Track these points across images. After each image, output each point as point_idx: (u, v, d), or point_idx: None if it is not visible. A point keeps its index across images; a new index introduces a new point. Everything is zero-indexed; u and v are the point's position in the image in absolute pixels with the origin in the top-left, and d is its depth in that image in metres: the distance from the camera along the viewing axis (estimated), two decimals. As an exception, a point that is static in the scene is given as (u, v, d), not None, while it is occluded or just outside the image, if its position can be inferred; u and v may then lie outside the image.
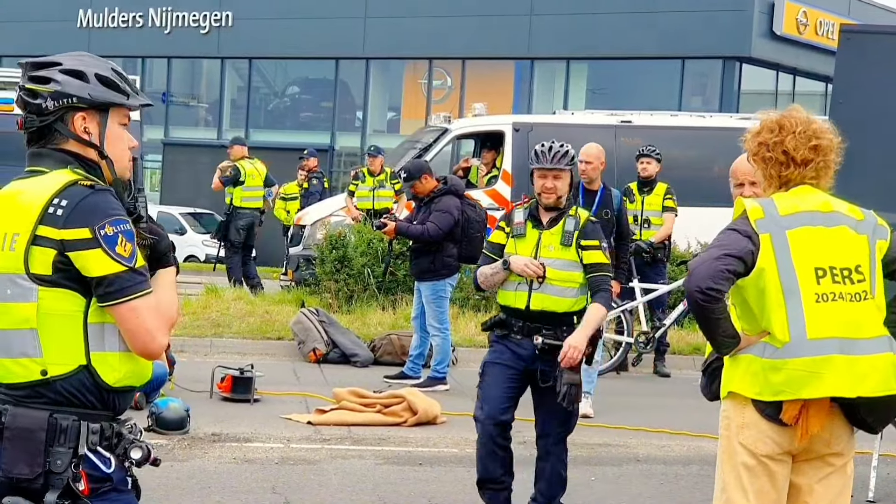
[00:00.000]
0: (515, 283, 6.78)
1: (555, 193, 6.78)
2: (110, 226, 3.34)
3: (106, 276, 3.33)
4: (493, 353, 6.87)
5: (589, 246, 6.76)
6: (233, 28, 33.29)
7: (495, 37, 29.80)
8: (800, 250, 4.34)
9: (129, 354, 3.44)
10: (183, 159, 33.59)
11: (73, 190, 3.37)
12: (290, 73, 35.16)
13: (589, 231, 6.81)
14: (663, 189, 13.18)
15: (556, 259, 6.75)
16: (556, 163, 6.76)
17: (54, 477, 3.34)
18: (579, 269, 6.75)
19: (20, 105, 3.50)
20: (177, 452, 8.48)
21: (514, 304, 6.80)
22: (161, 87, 34.79)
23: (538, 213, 6.88)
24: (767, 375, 4.32)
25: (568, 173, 6.81)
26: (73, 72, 3.48)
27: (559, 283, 6.73)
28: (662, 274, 13.26)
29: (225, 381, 10.47)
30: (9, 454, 3.36)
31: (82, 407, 3.40)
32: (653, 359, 13.25)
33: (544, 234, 6.80)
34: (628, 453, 9.33)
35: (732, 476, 4.47)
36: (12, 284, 3.38)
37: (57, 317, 3.37)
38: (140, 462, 3.49)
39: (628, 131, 17.46)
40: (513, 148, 17.70)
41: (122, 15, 34.57)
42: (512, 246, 6.85)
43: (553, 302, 6.74)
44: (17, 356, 3.40)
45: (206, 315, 14.02)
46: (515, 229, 6.88)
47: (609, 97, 28.47)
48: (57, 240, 3.33)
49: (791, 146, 4.45)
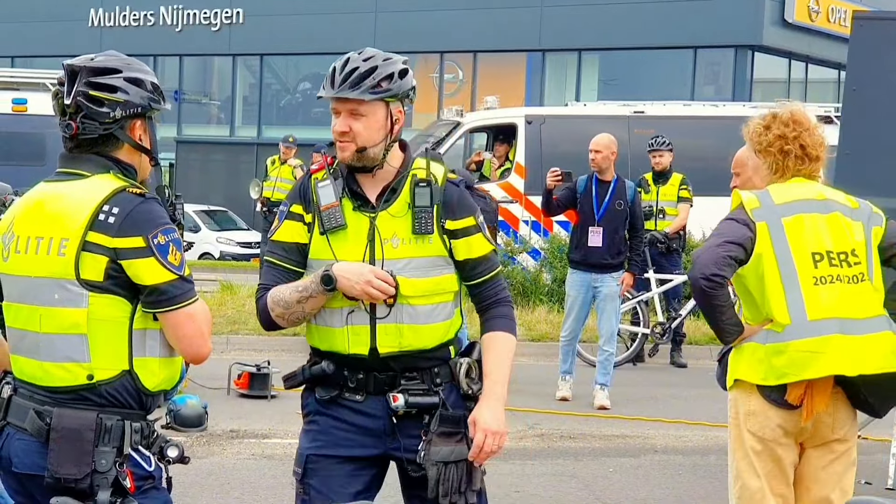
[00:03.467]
0: (344, 312, 3.90)
1: (352, 142, 3.90)
2: (162, 235, 3.39)
3: (158, 284, 3.38)
4: (316, 436, 4.01)
5: (461, 229, 3.97)
6: (244, 25, 33.32)
7: (506, 29, 29.77)
8: (796, 236, 4.49)
9: (167, 360, 3.51)
10: (196, 157, 33.66)
11: (124, 197, 3.40)
12: (302, 68, 35.18)
13: (455, 201, 3.98)
14: (678, 179, 13.17)
15: (409, 259, 3.91)
16: (350, 88, 3.87)
17: (99, 476, 3.38)
18: (450, 269, 3.97)
19: (72, 109, 3.47)
20: (195, 449, 8.49)
21: (345, 348, 3.91)
22: (173, 85, 34.84)
23: (355, 183, 3.97)
24: (771, 359, 4.45)
25: (378, 106, 3.91)
26: (134, 80, 3.51)
27: (422, 300, 3.91)
28: (678, 264, 13.24)
29: (242, 378, 10.50)
30: (56, 455, 3.39)
31: (124, 408, 3.45)
32: (669, 349, 13.24)
33: (380, 216, 3.93)
34: (646, 444, 9.32)
35: (744, 463, 4.59)
36: (61, 289, 3.40)
37: (105, 322, 3.41)
38: (177, 460, 3.56)
39: (641, 122, 17.42)
40: (525, 141, 17.68)
41: (133, 13, 34.64)
42: (323, 246, 3.93)
43: (416, 335, 3.92)
44: (62, 360, 3.42)
45: (222, 312, 14.04)
46: (327, 217, 3.92)
47: (621, 88, 28.42)
48: (110, 248, 3.37)
49: (808, 142, 4.62)
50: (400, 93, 3.94)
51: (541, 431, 9.28)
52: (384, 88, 3.89)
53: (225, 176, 33.08)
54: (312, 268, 3.93)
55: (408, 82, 3.98)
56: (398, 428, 3.95)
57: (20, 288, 3.49)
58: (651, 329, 12.68)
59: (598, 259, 10.39)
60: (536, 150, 17.32)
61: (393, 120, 3.95)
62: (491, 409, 3.90)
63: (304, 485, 4.01)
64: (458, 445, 3.91)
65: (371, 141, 3.89)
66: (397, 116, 3.97)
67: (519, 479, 7.92)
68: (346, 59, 3.93)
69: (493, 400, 3.92)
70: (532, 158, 17.18)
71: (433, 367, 3.97)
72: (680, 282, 12.98)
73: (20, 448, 3.48)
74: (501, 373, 3.96)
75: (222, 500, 7.41)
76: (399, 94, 3.94)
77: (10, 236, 3.52)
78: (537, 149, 17.34)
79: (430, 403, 3.94)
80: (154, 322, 3.45)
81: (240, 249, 27.09)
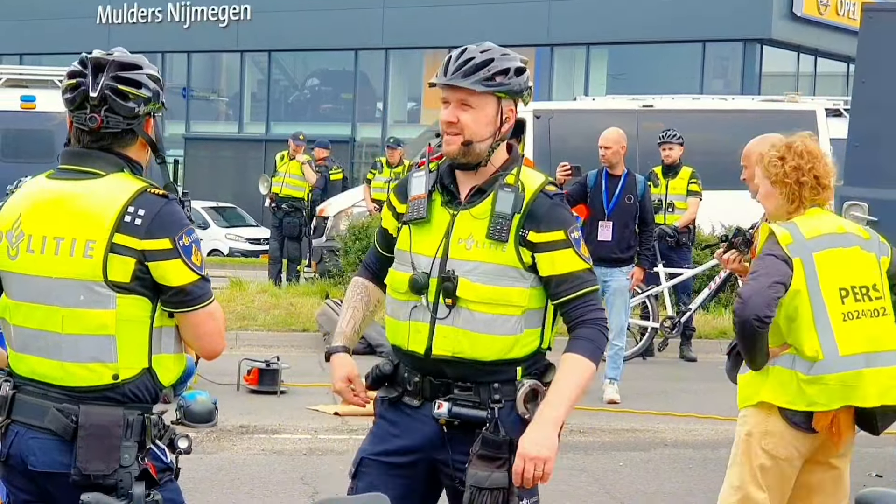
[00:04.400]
0: (409, 306, 3.85)
1: (460, 134, 3.77)
2: (186, 236, 3.42)
3: (184, 286, 3.41)
4: (373, 439, 3.99)
5: (546, 242, 3.74)
6: (252, 21, 33.33)
7: (514, 24, 29.73)
8: (825, 272, 4.68)
9: (179, 356, 3.55)
10: (204, 154, 33.70)
11: (148, 199, 3.41)
12: (310, 65, 35.19)
13: (544, 213, 3.77)
14: (688, 173, 13.15)
15: (478, 263, 3.76)
16: (462, 77, 3.76)
17: (123, 471, 3.40)
18: (524, 283, 3.76)
19: (95, 101, 3.44)
20: (205, 445, 8.50)
21: (406, 343, 3.86)
22: (181, 82, 34.87)
23: (451, 178, 3.88)
24: (802, 388, 4.65)
25: (489, 100, 3.78)
26: (154, 77, 3.52)
27: (482, 307, 3.74)
28: (687, 258, 13.22)
29: (251, 374, 10.50)
30: (84, 451, 3.39)
31: (144, 403, 3.48)
32: (679, 343, 13.21)
33: (461, 215, 3.81)
34: (656, 438, 9.31)
35: (749, 475, 4.78)
36: (87, 291, 3.39)
37: (130, 322, 3.42)
38: (187, 451, 3.59)
39: (650, 116, 17.37)
40: (534, 135, 17.66)
41: (141, 10, 34.68)
42: (405, 236, 3.91)
43: (471, 343, 3.75)
44: (87, 361, 3.43)
45: (231, 308, 14.04)
46: (411, 208, 3.89)
47: (630, 82, 28.41)
48: (139, 250, 3.38)
49: (821, 172, 4.77)
50: (513, 90, 3.79)
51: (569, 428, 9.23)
52: (497, 82, 3.75)
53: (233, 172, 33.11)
54: (396, 257, 3.92)
55: (523, 81, 3.82)
56: (449, 440, 3.79)
57: (36, 288, 3.46)
58: (661, 323, 12.64)
59: (607, 253, 10.36)
60: (545, 145, 17.27)
61: (503, 118, 3.79)
62: (536, 432, 3.63)
63: (353, 485, 3.97)
64: (496, 472, 3.69)
65: (479, 135, 3.75)
66: (508, 115, 3.80)
67: (529, 473, 7.92)
68: (462, 49, 3.82)
69: (542, 423, 3.64)
70: (541, 153, 17.12)
71: (492, 383, 3.76)
72: (689, 276, 12.97)
73: (36, 446, 3.46)
74: (559, 395, 3.67)
75: (232, 495, 7.42)
76: (512, 92, 3.79)
77: (18, 234, 3.48)
78: (546, 143, 17.30)
79: (475, 418, 3.74)
80: (169, 319, 3.47)
81: (248, 246, 27.12)
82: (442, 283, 3.76)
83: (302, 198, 18.05)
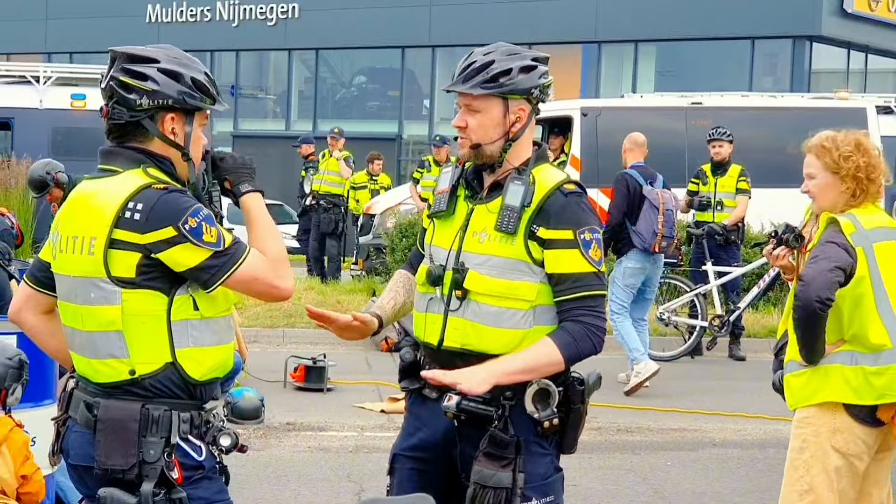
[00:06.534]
0: (426, 298, 3.91)
1: (468, 138, 3.83)
2: (192, 218, 3.38)
3: (200, 264, 3.37)
4: (402, 434, 4.05)
5: (554, 240, 3.72)
6: (300, 19, 33.44)
7: (562, 21, 29.66)
8: (885, 262, 4.72)
9: (213, 349, 3.50)
10: (252, 151, 33.57)
11: (148, 193, 3.39)
12: (357, 62, 35.26)
13: (556, 210, 3.75)
14: (737, 171, 13.05)
15: (489, 256, 3.77)
16: (462, 82, 3.84)
17: (148, 467, 3.38)
18: (534, 278, 3.74)
19: (106, 94, 3.50)
20: (252, 442, 8.53)
21: (422, 334, 3.92)
22: (230, 80, 35.04)
23: (476, 173, 3.93)
24: (870, 380, 4.68)
25: (493, 102, 3.80)
26: (170, 72, 3.49)
27: (489, 299, 3.75)
28: (736, 257, 13.13)
29: (298, 371, 10.53)
30: (103, 446, 3.40)
31: (172, 398, 3.45)
32: (728, 342, 13.13)
33: (477, 209, 3.85)
34: (704, 438, 9.25)
35: (823, 478, 4.77)
36: (95, 288, 3.41)
37: (141, 317, 3.41)
38: (229, 449, 3.53)
39: (699, 113, 17.27)
40: (581, 133, 17.58)
41: (190, 9, 34.88)
42: (430, 229, 4.00)
43: (479, 335, 3.77)
44: (105, 357, 3.44)
45: (279, 306, 14.07)
46: (436, 202, 3.97)
47: (678, 79, 28.25)
48: (141, 244, 3.36)
49: (880, 171, 4.86)
50: (519, 89, 3.77)
51: (598, 425, 9.23)
52: (499, 83, 3.75)
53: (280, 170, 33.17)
54: (424, 251, 3.99)
55: (530, 79, 3.78)
56: (460, 433, 3.78)
57: (65, 287, 3.53)
58: (709, 322, 12.57)
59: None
60: (592, 143, 17.20)
61: (513, 117, 3.79)
62: (472, 367, 3.67)
63: (390, 482, 4.00)
64: (500, 471, 3.68)
65: (486, 138, 3.78)
66: (518, 114, 3.79)
67: (576, 472, 7.88)
68: (469, 54, 3.85)
69: (484, 363, 3.68)
70: (588, 151, 17.08)
71: None
72: (738, 274, 12.88)
73: (75, 440, 3.53)
74: (512, 358, 3.67)
75: (279, 491, 7.43)
76: (518, 91, 3.77)
77: (56, 236, 3.56)
78: (593, 141, 17.23)
79: (483, 413, 3.69)
80: (195, 312, 3.44)
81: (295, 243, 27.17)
82: (454, 275, 3.79)
83: (340, 194, 18.02)
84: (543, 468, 3.79)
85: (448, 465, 3.88)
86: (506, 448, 3.70)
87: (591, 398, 3.87)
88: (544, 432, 3.75)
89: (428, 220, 4.01)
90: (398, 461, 3.98)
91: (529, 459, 3.73)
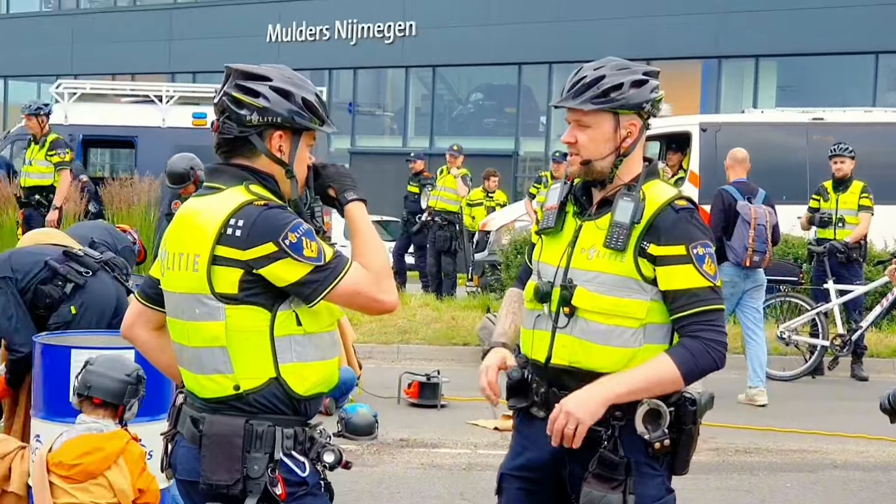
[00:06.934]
0: (534, 315, 3.88)
1: (578, 154, 3.81)
2: (292, 233, 3.38)
3: (301, 279, 3.37)
4: (510, 453, 4.02)
5: (666, 256, 3.66)
6: (417, 37, 33.65)
7: (681, 36, 29.42)
8: None
9: (317, 364, 3.49)
10: (369, 168, 34.05)
11: (249, 210, 3.41)
12: (474, 79, 35.35)
13: (667, 226, 3.68)
14: (859, 187, 12.79)
15: (598, 272, 3.72)
16: (573, 97, 3.81)
17: (252, 482, 3.39)
18: (644, 295, 3.68)
19: (218, 109, 3.54)
20: (366, 458, 8.55)
21: (530, 351, 3.89)
22: (347, 98, 35.38)
23: (585, 189, 3.90)
24: None
25: (603, 118, 3.76)
26: (281, 90, 3.51)
27: (598, 317, 3.70)
28: (858, 275, 12.85)
29: (412, 387, 10.54)
30: (208, 461, 3.42)
31: (276, 414, 3.45)
32: (849, 362, 12.86)
33: (586, 225, 3.80)
34: (824, 459, 9.05)
35: None
36: (200, 304, 3.44)
37: (244, 333, 3.42)
38: (333, 465, 3.52)
39: (820, 129, 16.97)
40: (700, 149, 17.38)
41: (309, 28, 35.31)
42: (539, 245, 3.96)
43: (587, 353, 3.71)
44: (210, 373, 3.47)
45: (393, 322, 14.14)
46: (545, 218, 3.94)
47: (800, 94, 27.81)
48: (243, 261, 3.38)
49: None
50: (630, 104, 3.74)
51: (716, 445, 9.09)
52: (608, 98, 3.72)
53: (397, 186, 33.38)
54: (532, 267, 3.94)
55: (642, 94, 3.76)
56: (569, 453, 3.70)
57: (172, 303, 3.57)
58: (831, 341, 12.33)
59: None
60: (711, 158, 16.97)
61: (624, 132, 3.76)
62: (583, 392, 3.60)
63: (498, 502, 4.00)
64: (610, 492, 3.62)
65: (596, 154, 3.75)
66: (629, 129, 3.76)
67: (692, 493, 7.76)
68: (578, 69, 3.83)
69: (593, 388, 3.60)
70: (707, 167, 16.86)
71: None
72: (861, 292, 12.60)
73: (182, 455, 3.56)
74: (627, 376, 3.60)
75: (392, 508, 7.44)
76: (629, 106, 3.74)
77: (164, 253, 3.59)
78: (712, 157, 16.99)
79: (592, 434, 3.62)
80: (298, 328, 3.43)
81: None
82: (561, 292, 3.75)
83: (455, 211, 18.04)
84: (654, 489, 3.73)
85: (556, 486, 3.84)
86: (616, 469, 3.65)
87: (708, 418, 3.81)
88: (655, 453, 3.69)
89: (536, 236, 3.98)
90: (506, 481, 3.97)
91: (640, 481, 3.67)
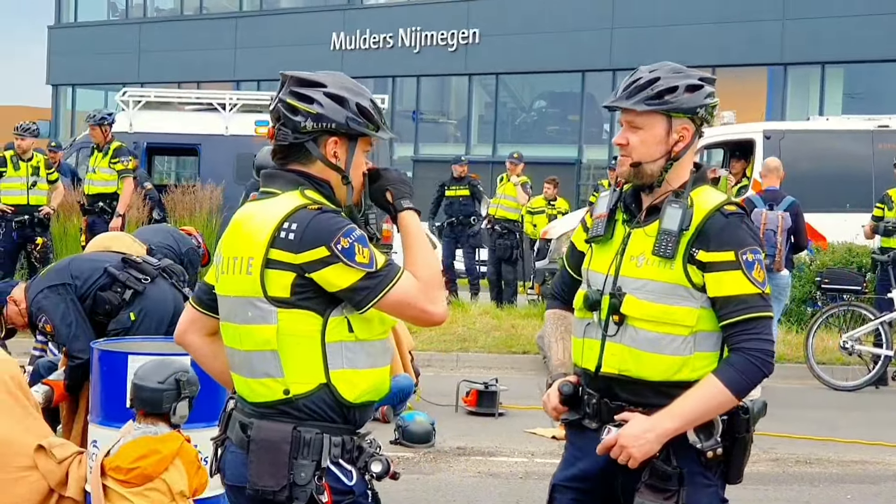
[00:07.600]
0: (583, 323, 3.85)
1: (629, 156, 3.76)
2: (344, 238, 3.38)
3: (352, 284, 3.37)
4: (562, 465, 4.00)
5: (714, 262, 3.62)
6: (479, 45, 33.65)
7: (746, 43, 29.18)
8: None
9: (368, 371, 3.48)
10: (432, 175, 34.01)
11: (302, 213, 3.41)
12: (537, 87, 35.29)
13: (716, 232, 3.65)
14: (924, 196, 12.66)
15: (647, 280, 3.70)
16: (626, 98, 3.75)
17: (298, 489, 3.38)
18: (694, 303, 3.65)
19: (274, 115, 3.56)
20: (423, 465, 8.56)
21: (580, 360, 3.87)
22: (411, 106, 35.44)
23: (635, 196, 3.86)
24: None
25: (656, 120, 3.72)
26: (336, 97, 3.51)
27: (647, 325, 3.68)
28: (924, 284, 12.70)
29: (470, 395, 10.54)
30: (255, 467, 3.42)
31: (324, 421, 3.44)
32: (914, 373, 12.72)
33: (635, 232, 3.78)
34: (887, 471, 8.94)
35: None
36: (252, 307, 3.45)
37: (296, 337, 3.42)
38: (380, 475, 3.50)
39: (886, 136, 16.78)
40: (764, 156, 17.23)
41: (373, 37, 35.42)
42: (588, 254, 3.93)
43: (637, 361, 3.70)
44: (261, 377, 3.47)
45: (453, 330, 14.15)
46: (594, 226, 3.91)
47: (867, 101, 27.47)
48: (296, 264, 3.38)
49: None
50: (684, 107, 3.71)
51: (776, 456, 9.00)
52: (662, 101, 3.69)
53: (461, 194, 33.50)
54: (582, 275, 3.91)
55: (696, 98, 3.72)
56: (620, 465, 3.67)
57: (226, 307, 3.58)
58: (895, 351, 12.19)
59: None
60: (775, 167, 16.84)
61: (677, 136, 3.73)
62: (640, 424, 3.61)
63: None
64: (663, 503, 3.61)
65: (647, 156, 3.72)
66: (681, 134, 3.72)
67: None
68: (634, 71, 3.80)
69: (650, 422, 3.60)
70: (771, 174, 16.71)
71: (657, 403, 3.65)
72: (926, 302, 12.45)
73: (230, 460, 3.56)
74: (680, 408, 3.58)
75: (447, 516, 7.44)
76: (682, 109, 3.71)
77: (219, 258, 3.61)
78: (776, 165, 16.87)
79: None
80: (349, 334, 3.43)
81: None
82: (611, 300, 3.73)
83: (515, 220, 18.01)
84: (708, 499, 3.70)
85: (608, 496, 3.82)
86: (668, 480, 3.63)
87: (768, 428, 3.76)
88: (708, 463, 3.66)
89: (586, 245, 3.95)
90: (558, 491, 3.94)
91: (693, 491, 3.64)
